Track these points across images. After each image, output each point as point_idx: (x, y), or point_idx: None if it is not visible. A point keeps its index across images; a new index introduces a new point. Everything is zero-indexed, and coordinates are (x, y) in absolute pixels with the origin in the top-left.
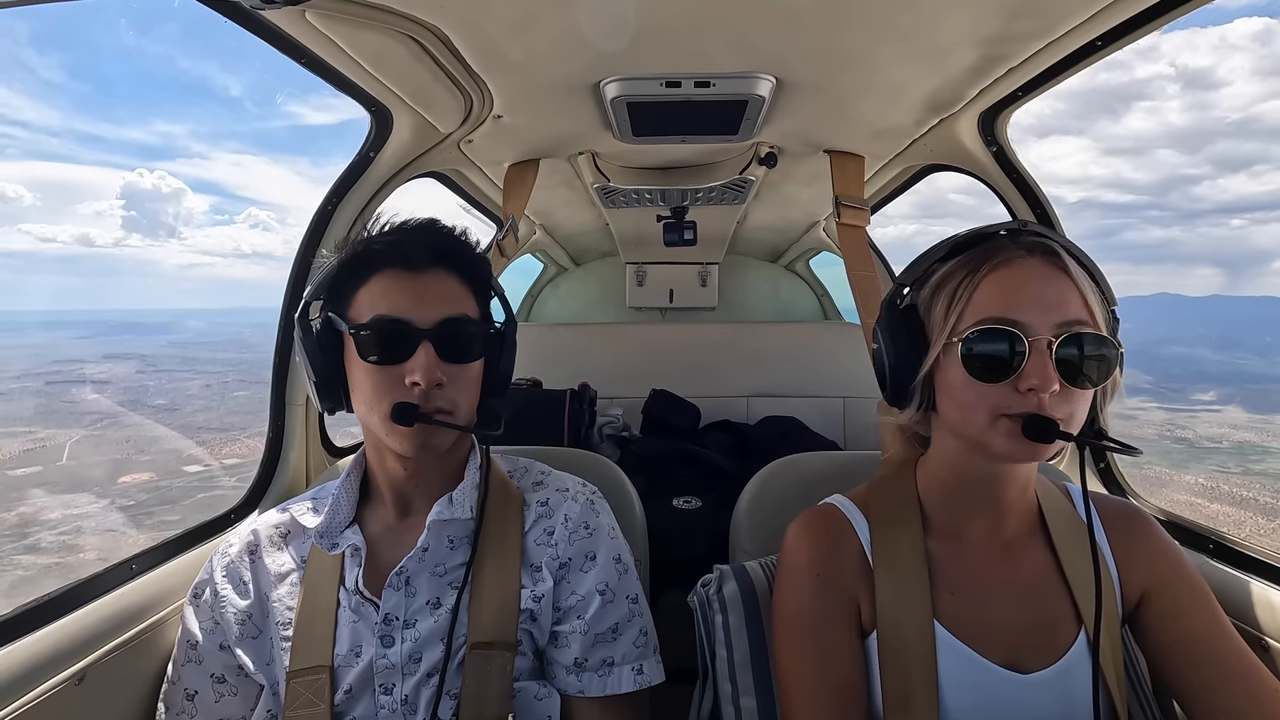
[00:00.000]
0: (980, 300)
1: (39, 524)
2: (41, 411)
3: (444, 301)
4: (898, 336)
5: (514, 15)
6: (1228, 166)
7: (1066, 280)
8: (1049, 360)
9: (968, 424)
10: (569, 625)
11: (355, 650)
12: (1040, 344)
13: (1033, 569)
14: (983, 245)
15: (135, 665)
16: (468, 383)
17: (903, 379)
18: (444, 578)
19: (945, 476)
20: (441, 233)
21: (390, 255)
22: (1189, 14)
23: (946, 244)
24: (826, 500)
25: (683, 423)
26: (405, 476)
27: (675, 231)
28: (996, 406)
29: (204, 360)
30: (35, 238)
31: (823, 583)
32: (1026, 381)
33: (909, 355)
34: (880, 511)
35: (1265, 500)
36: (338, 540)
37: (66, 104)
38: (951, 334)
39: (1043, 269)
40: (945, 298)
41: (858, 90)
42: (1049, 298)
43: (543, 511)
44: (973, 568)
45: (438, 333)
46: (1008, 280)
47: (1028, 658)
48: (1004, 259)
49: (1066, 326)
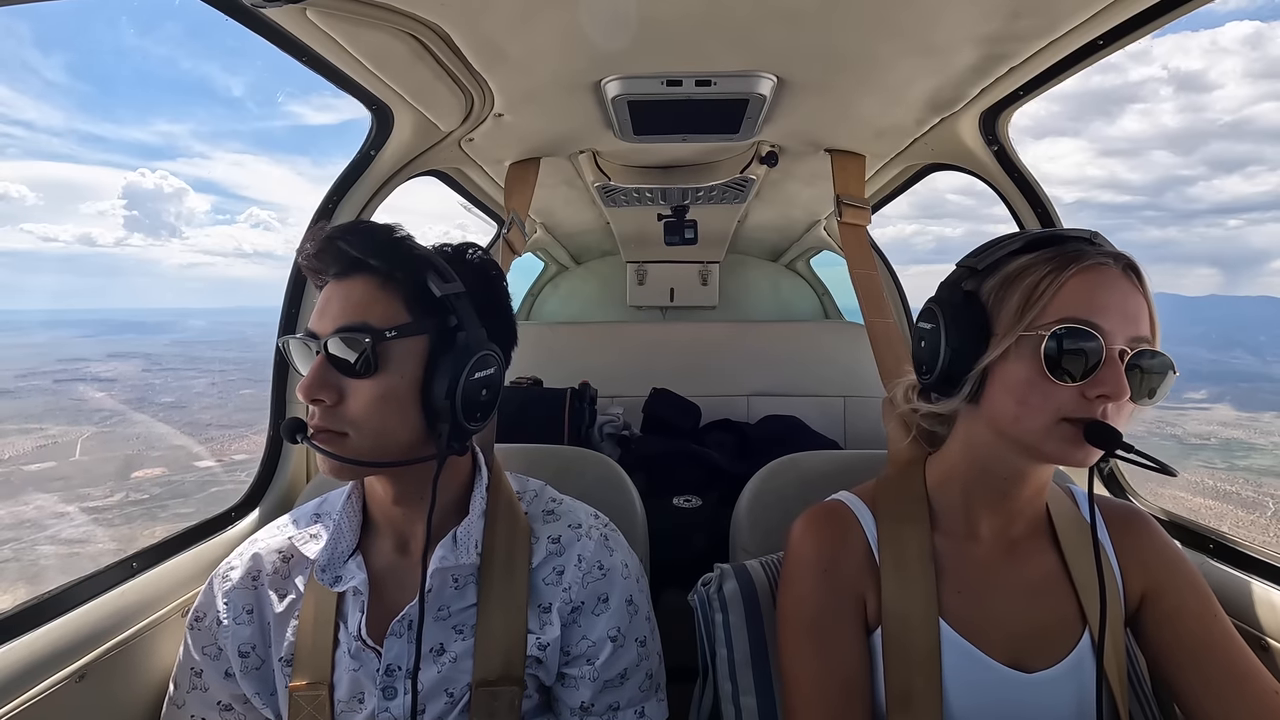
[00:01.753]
0: (1065, 298)
1: (57, 517)
2: (51, 409)
3: (344, 309)
4: (961, 321)
5: (515, 13)
6: (1222, 167)
7: (1141, 296)
8: (1121, 370)
9: (1023, 421)
10: (578, 670)
11: (357, 697)
12: (1115, 353)
13: (1038, 569)
14: (1064, 245)
15: (136, 663)
16: (370, 400)
17: (960, 366)
18: (448, 621)
19: (964, 472)
20: (355, 233)
21: (316, 266)
22: (1182, 17)
23: (1022, 237)
24: (833, 497)
25: (683, 422)
26: (390, 501)
27: (676, 230)
28: (1060, 409)
29: (208, 359)
30: (37, 237)
31: (828, 579)
32: (1099, 387)
33: (971, 342)
34: (887, 508)
35: (1247, 494)
36: (340, 574)
37: (69, 104)
38: (1028, 327)
39: (1123, 281)
40: (1023, 291)
41: (859, 89)
42: (1129, 309)
43: (554, 549)
44: (979, 567)
45: (329, 344)
46: (1095, 284)
47: (1032, 657)
48: (1092, 263)
49: (1140, 341)
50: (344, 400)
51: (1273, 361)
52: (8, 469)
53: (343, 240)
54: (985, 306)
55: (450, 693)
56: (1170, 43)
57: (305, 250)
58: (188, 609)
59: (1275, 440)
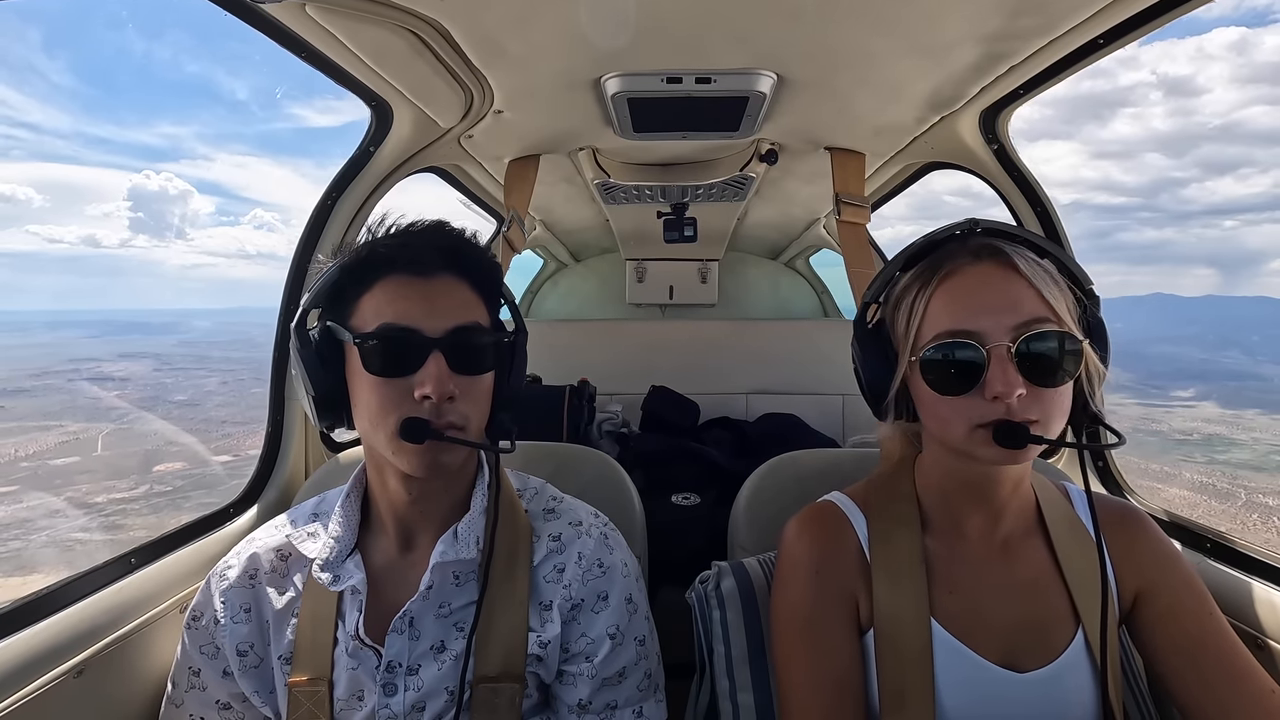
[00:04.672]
0: (934, 314)
1: (87, 507)
2: (68, 407)
3: (455, 309)
4: (867, 353)
5: (514, 10)
6: (1214, 169)
7: (1019, 280)
8: (1010, 365)
9: (946, 433)
10: (576, 667)
11: (357, 695)
12: (999, 350)
13: (1030, 567)
14: (934, 254)
15: (134, 659)
16: (479, 396)
17: (877, 394)
18: (449, 618)
19: (939, 477)
20: (452, 235)
21: (397, 259)
22: (1172, 22)
23: (902, 255)
24: (825, 497)
25: (682, 419)
26: (409, 500)
27: (675, 228)
28: (969, 418)
29: (217, 359)
30: (42, 238)
31: (821, 580)
32: (990, 390)
33: (879, 371)
34: (878, 509)
35: (1222, 486)
36: (339, 573)
37: (75, 107)
38: (912, 351)
39: (992, 273)
40: (904, 313)
41: (859, 87)
42: (1001, 302)
43: (554, 547)
44: (970, 566)
45: (449, 342)
46: (957, 290)
47: (1024, 656)
48: (951, 268)
49: (1024, 328)
50: (459, 395)
51: (1264, 361)
52: (35, 463)
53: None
54: (888, 333)
55: (451, 690)
56: (1157, 49)
57: (386, 241)
58: (186, 605)
59: (1256, 435)
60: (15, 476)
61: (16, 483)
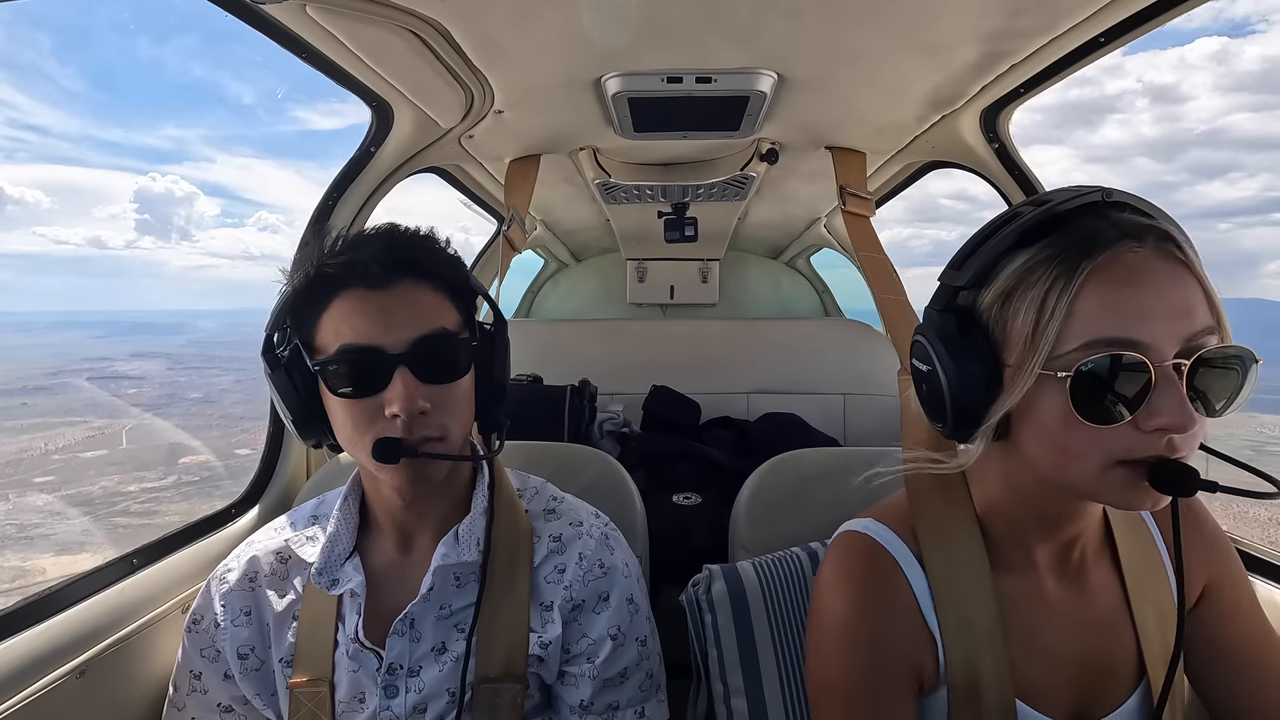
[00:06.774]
0: (1086, 312)
1: (122, 495)
2: (89, 404)
3: (416, 318)
4: (962, 357)
5: (515, 10)
6: (1203, 174)
7: (1189, 276)
8: (1181, 389)
9: (1068, 470)
10: (578, 668)
11: (358, 697)
12: (1167, 369)
13: (1102, 598)
14: (1070, 228)
15: (136, 659)
16: (456, 403)
17: (972, 410)
18: (450, 619)
19: (1011, 502)
20: (402, 238)
21: (347, 275)
22: (1153, 31)
23: (1013, 226)
24: (858, 530)
25: (683, 419)
26: (404, 506)
27: (676, 228)
28: (1111, 452)
29: (227, 358)
30: (49, 240)
31: (875, 650)
32: (1154, 419)
33: (978, 385)
34: (935, 545)
35: None
36: (338, 576)
37: (83, 110)
38: (1048, 362)
39: (1159, 263)
40: (1030, 309)
41: (860, 86)
42: (1175, 301)
43: (555, 547)
44: (1041, 605)
45: (413, 355)
46: (1121, 281)
47: (1089, 705)
48: (1109, 254)
49: (1198, 338)
50: (433, 407)
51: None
52: (66, 456)
53: (395, 246)
54: (987, 331)
55: (452, 691)
56: (1141, 60)
57: (333, 258)
58: (188, 605)
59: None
60: (50, 467)
61: (53, 473)
